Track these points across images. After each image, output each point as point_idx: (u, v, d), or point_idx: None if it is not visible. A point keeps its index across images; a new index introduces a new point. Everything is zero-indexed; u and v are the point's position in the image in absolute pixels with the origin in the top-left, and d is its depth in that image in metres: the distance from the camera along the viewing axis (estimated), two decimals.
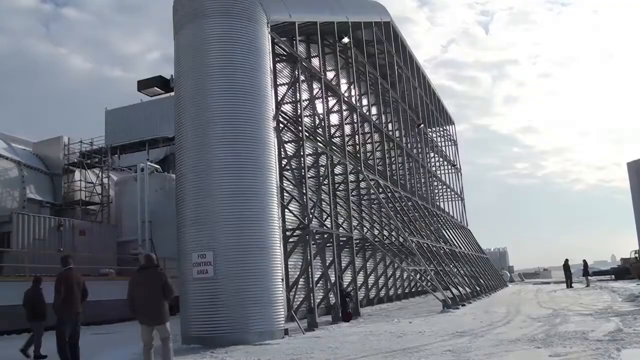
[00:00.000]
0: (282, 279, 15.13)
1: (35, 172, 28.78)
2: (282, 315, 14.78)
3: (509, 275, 63.36)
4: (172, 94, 24.99)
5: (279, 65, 20.81)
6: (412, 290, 35.05)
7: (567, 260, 38.50)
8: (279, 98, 18.98)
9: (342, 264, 23.98)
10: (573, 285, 37.52)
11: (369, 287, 27.77)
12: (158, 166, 32.88)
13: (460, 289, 27.31)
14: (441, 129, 52.07)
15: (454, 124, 57.36)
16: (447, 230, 39.44)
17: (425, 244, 27.89)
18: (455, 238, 39.85)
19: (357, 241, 24.17)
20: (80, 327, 10.56)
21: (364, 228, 26.24)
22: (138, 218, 28.69)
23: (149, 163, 31.39)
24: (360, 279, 24.99)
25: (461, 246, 38.76)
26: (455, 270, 30.60)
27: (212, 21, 15.37)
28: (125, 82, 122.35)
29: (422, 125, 41.19)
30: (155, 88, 39.09)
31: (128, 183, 30.69)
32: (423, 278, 28.14)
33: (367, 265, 27.85)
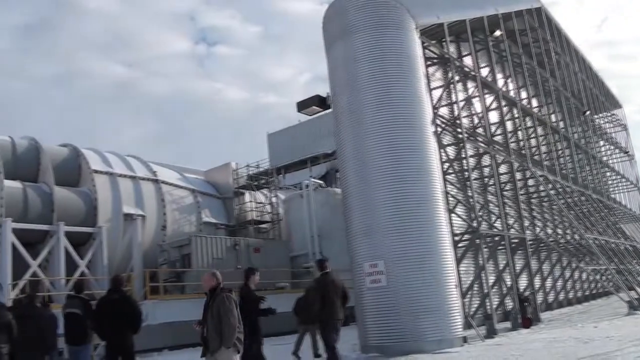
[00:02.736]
0: (456, 285, 14.82)
1: (208, 197, 30.83)
2: (459, 323, 14.45)
3: None
4: (330, 110, 25.67)
5: (431, 69, 20.51)
6: (593, 292, 32.69)
7: None
8: (434, 102, 18.70)
9: (516, 267, 22.97)
10: None
11: (547, 290, 26.34)
12: (321, 181, 33.82)
13: None
14: (608, 114, 48.34)
15: (621, 106, 53.01)
16: (626, 225, 36.46)
17: (603, 241, 25.98)
18: (636, 232, 36.71)
19: (531, 242, 23.06)
20: (339, 332, 10.19)
21: (536, 228, 25.01)
22: (307, 233, 29.64)
23: (312, 179, 32.40)
24: (536, 282, 23.77)
25: None
26: (639, 268, 28.16)
27: (361, 35, 15.60)
28: (280, 106, 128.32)
29: (588, 112, 38.56)
30: (314, 107, 40.46)
31: (295, 200, 31.82)
32: (604, 278, 26.22)
33: (543, 267, 26.44)
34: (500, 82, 25.11)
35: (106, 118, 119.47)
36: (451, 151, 19.83)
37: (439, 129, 17.73)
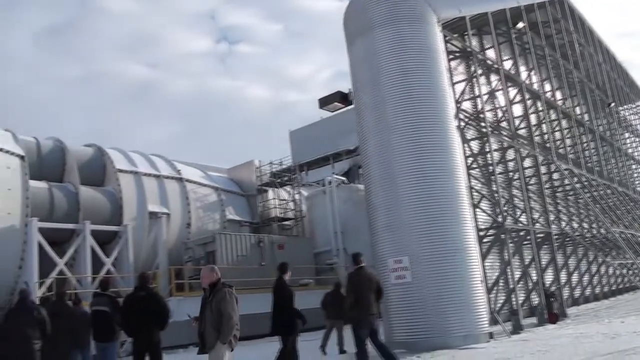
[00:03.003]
0: (482, 281, 14.71)
1: (232, 195, 31.04)
2: (485, 318, 14.34)
3: None
4: (352, 106, 25.60)
5: (453, 63, 20.34)
6: (619, 286, 32.19)
7: None
8: (457, 96, 18.56)
9: (542, 262, 22.72)
10: None
11: (573, 285, 26.02)
12: (344, 178, 33.82)
13: None
14: (633, 106, 47.53)
15: None
16: None
17: (629, 235, 25.57)
18: None
19: (557, 236, 22.81)
20: (378, 328, 10.04)
21: (562, 222, 24.73)
22: (330, 229, 29.68)
23: (334, 176, 32.41)
24: (562, 277, 23.51)
25: None
26: None
27: (382, 30, 15.51)
28: (302, 103, 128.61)
29: (613, 104, 37.98)
30: (336, 103, 40.47)
31: (318, 197, 31.87)
32: (631, 272, 25.80)
33: (569, 262, 26.11)
34: (524, 75, 24.88)
35: (130, 118, 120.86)
36: (475, 145, 19.66)
37: (462, 124, 17.59)
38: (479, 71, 20.41)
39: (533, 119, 25.22)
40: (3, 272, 21.00)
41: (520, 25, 24.21)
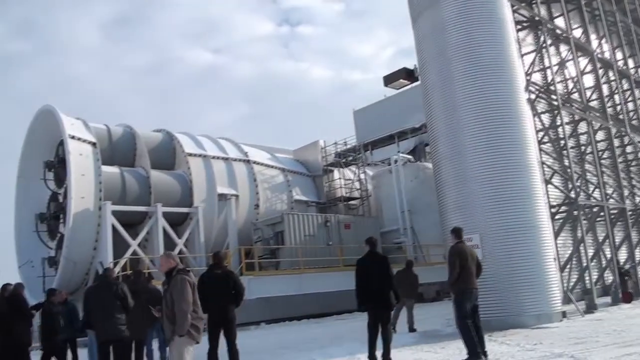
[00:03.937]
0: (555, 259, 14.36)
1: (299, 175, 31.34)
2: (558, 297, 14.05)
3: None
4: (417, 83, 25.21)
5: (521, 33, 19.71)
6: None
7: None
8: (527, 68, 18.02)
9: (616, 240, 21.97)
10: None
11: None
12: (410, 156, 33.55)
13: None
14: None
15: None
16: None
17: None
18: None
19: (631, 212, 21.98)
20: (478, 305, 9.87)
21: (636, 197, 23.79)
22: (397, 208, 29.58)
23: (400, 154, 32.19)
24: (637, 255, 22.66)
25: None
26: None
27: (448, 2, 15.15)
28: (365, 82, 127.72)
29: None
30: (401, 80, 39.95)
31: (383, 176, 31.80)
32: None
33: None
34: (595, 44, 23.86)
35: (197, 103, 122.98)
36: (545, 119, 19.09)
37: (533, 96, 17.09)
38: (549, 41, 19.73)
39: (605, 89, 24.22)
40: (79, 253, 22.03)
41: None
